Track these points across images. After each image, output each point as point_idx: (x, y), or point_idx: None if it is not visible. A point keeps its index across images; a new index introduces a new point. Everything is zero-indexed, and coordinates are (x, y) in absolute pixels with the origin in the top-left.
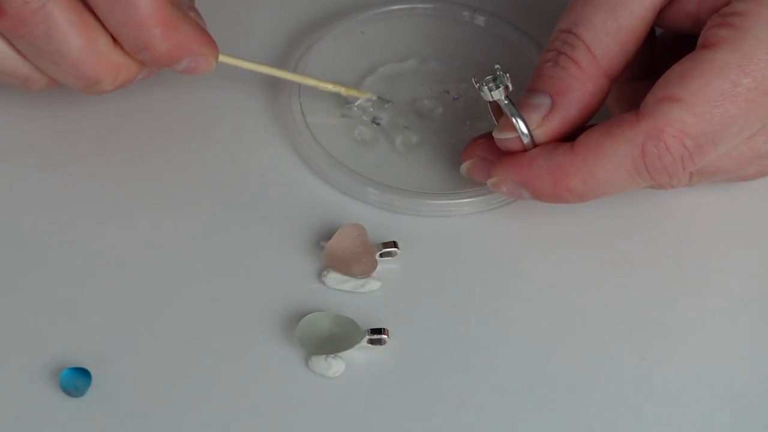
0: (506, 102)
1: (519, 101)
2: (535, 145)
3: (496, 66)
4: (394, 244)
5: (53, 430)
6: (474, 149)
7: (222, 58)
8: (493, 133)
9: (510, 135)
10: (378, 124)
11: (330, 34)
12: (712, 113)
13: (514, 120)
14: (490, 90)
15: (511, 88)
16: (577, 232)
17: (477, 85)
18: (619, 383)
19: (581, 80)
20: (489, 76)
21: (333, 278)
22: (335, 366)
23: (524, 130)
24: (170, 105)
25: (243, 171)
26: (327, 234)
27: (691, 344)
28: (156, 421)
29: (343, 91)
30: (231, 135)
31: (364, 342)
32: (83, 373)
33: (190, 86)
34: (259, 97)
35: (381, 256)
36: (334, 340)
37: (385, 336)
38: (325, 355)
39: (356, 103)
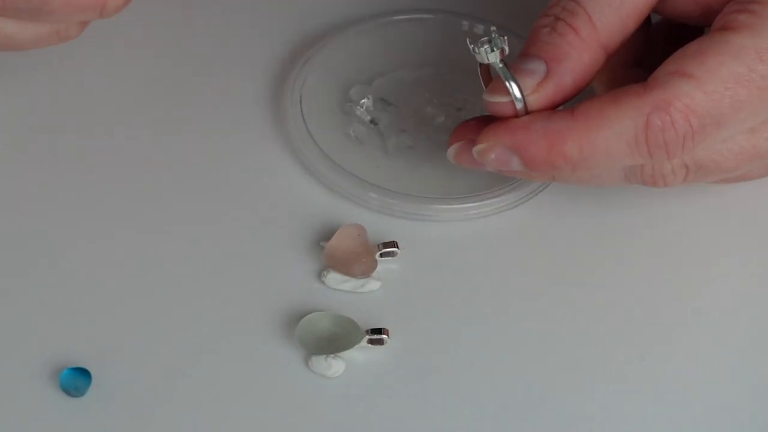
0: (501, 65)
1: (512, 65)
2: (527, 111)
3: (492, 28)
4: (394, 244)
5: (53, 430)
6: (463, 131)
7: None
8: (484, 96)
9: (503, 99)
10: (376, 124)
11: (338, 37)
12: (723, 94)
13: (508, 84)
14: (486, 52)
15: (507, 51)
16: (577, 233)
17: (471, 47)
18: (619, 383)
19: (579, 49)
20: (485, 38)
21: (333, 278)
22: (335, 366)
23: (518, 95)
24: (170, 106)
25: (243, 171)
26: (327, 234)
27: (691, 344)
28: (156, 421)
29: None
30: (231, 135)
31: (364, 342)
32: (83, 373)
33: (190, 87)
34: (260, 98)
35: (381, 256)
36: (334, 340)
37: (385, 336)
38: (325, 355)
39: (360, 106)
